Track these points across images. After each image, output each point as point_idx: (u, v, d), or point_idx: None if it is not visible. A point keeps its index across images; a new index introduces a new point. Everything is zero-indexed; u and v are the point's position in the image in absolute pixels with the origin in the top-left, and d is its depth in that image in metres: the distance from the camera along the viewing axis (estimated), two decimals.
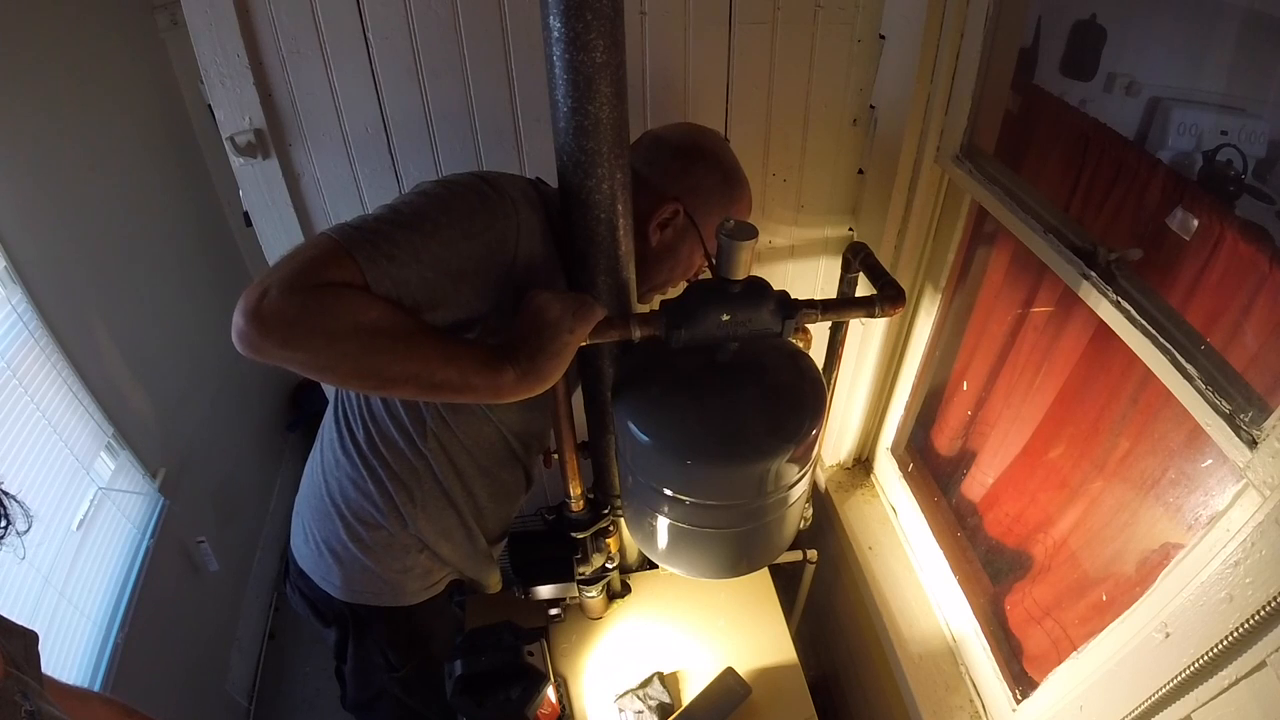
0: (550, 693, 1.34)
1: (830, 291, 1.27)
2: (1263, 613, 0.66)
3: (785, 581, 1.67)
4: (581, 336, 0.81)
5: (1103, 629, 0.93)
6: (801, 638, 1.66)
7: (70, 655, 1.38)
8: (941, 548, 1.42)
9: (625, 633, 1.53)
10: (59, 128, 1.67)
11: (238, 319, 0.67)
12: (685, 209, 0.97)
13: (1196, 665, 0.75)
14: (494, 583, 1.26)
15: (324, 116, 1.19)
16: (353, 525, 1.04)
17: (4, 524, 0.61)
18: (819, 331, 1.02)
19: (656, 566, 1.62)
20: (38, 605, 1.32)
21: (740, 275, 0.83)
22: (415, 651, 1.20)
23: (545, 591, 1.44)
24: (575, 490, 1.17)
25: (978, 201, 1.18)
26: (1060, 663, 1.03)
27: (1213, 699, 0.75)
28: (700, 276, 1.06)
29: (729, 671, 1.42)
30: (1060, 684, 1.03)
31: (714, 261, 0.99)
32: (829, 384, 1.07)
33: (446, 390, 0.76)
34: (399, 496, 1.02)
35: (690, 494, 0.91)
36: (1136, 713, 0.85)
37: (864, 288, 1.01)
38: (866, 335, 1.52)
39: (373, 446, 1.01)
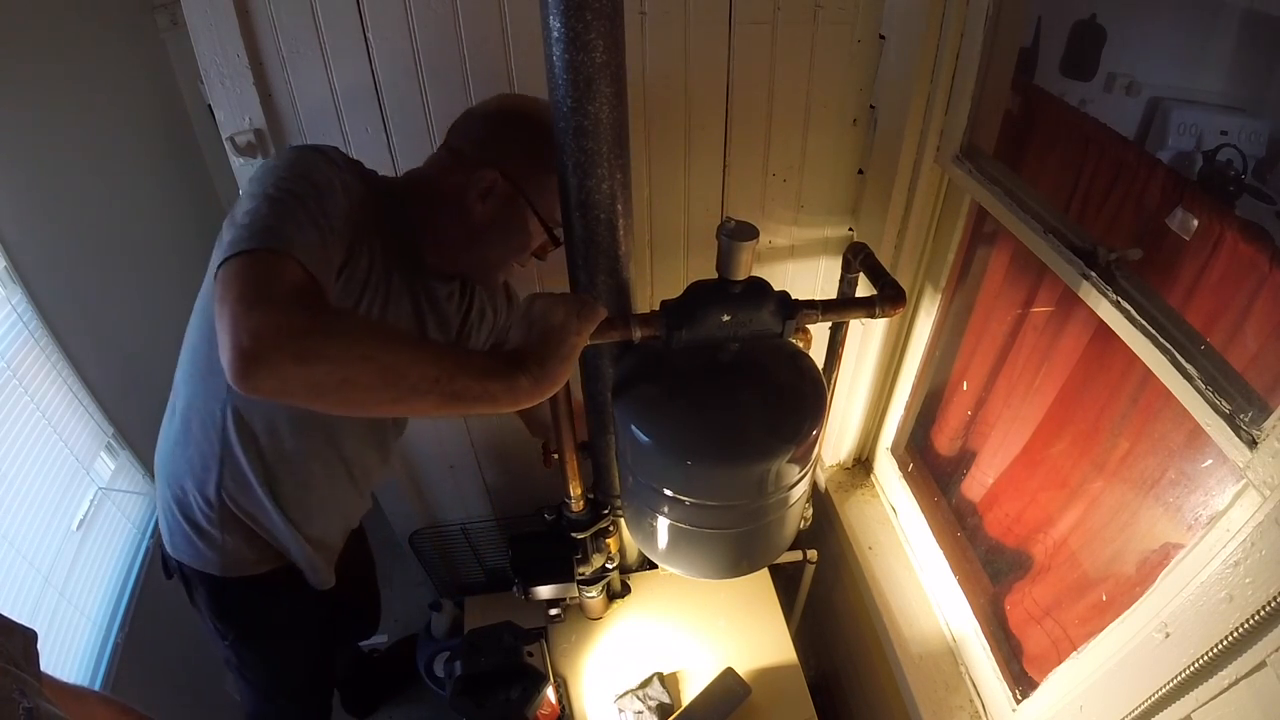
0: (550, 693, 1.34)
1: (830, 292, 1.27)
2: (1263, 613, 0.66)
3: (785, 581, 1.67)
4: (586, 338, 0.81)
5: (1103, 629, 0.93)
6: (801, 638, 1.66)
7: (70, 655, 1.38)
8: (941, 548, 1.42)
9: (625, 633, 1.53)
10: (59, 128, 1.67)
11: (244, 344, 0.60)
12: (504, 173, 0.95)
13: (1196, 665, 0.75)
14: (324, 579, 1.19)
15: (324, 116, 1.19)
16: (171, 486, 1.05)
17: None
18: (819, 332, 1.02)
19: (656, 566, 1.62)
20: (38, 605, 1.32)
21: (740, 275, 0.83)
22: (237, 623, 1.17)
23: (545, 591, 1.44)
24: (575, 490, 1.17)
25: (978, 201, 1.18)
26: (1060, 663, 1.03)
27: (1213, 699, 0.75)
28: (548, 249, 1.03)
29: (729, 671, 1.42)
30: (1060, 684, 1.03)
31: (555, 230, 0.96)
32: (829, 384, 1.07)
33: (467, 399, 0.72)
34: (195, 465, 1.01)
35: (690, 494, 0.91)
36: (1136, 713, 0.85)
37: (864, 288, 1.01)
38: (866, 335, 1.52)
39: (186, 410, 1.00)
